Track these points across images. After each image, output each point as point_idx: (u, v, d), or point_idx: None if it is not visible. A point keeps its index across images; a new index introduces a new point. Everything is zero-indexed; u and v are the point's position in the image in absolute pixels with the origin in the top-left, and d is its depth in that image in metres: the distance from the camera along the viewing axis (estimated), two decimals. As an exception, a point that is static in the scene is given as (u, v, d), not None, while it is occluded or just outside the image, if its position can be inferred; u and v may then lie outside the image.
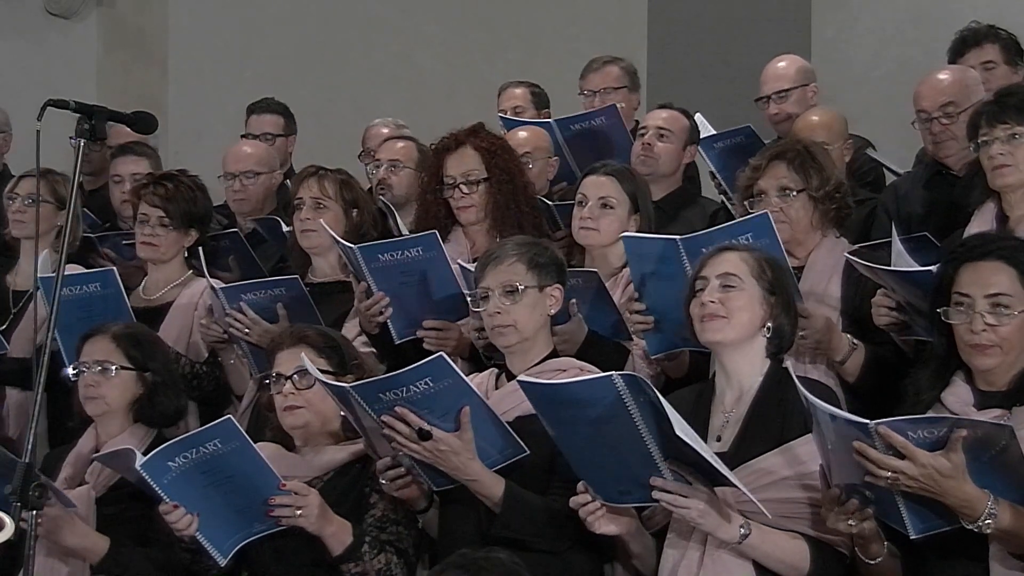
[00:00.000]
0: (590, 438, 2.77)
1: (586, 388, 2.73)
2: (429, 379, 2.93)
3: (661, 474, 2.75)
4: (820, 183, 3.58)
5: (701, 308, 2.98)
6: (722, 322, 2.95)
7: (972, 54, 4.44)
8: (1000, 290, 2.80)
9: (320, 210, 4.09)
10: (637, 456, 2.74)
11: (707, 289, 2.98)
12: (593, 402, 2.71)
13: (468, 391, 2.99)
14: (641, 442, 2.72)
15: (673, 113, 4.63)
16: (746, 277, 2.98)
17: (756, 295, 2.97)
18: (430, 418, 2.97)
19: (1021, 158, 3.40)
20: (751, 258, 3.01)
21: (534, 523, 3.04)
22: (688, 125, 4.60)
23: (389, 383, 2.97)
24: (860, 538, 2.73)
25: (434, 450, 2.97)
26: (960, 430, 2.56)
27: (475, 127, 4.08)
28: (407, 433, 2.97)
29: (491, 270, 3.26)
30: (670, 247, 3.42)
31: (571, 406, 2.75)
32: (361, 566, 3.14)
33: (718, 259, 3.02)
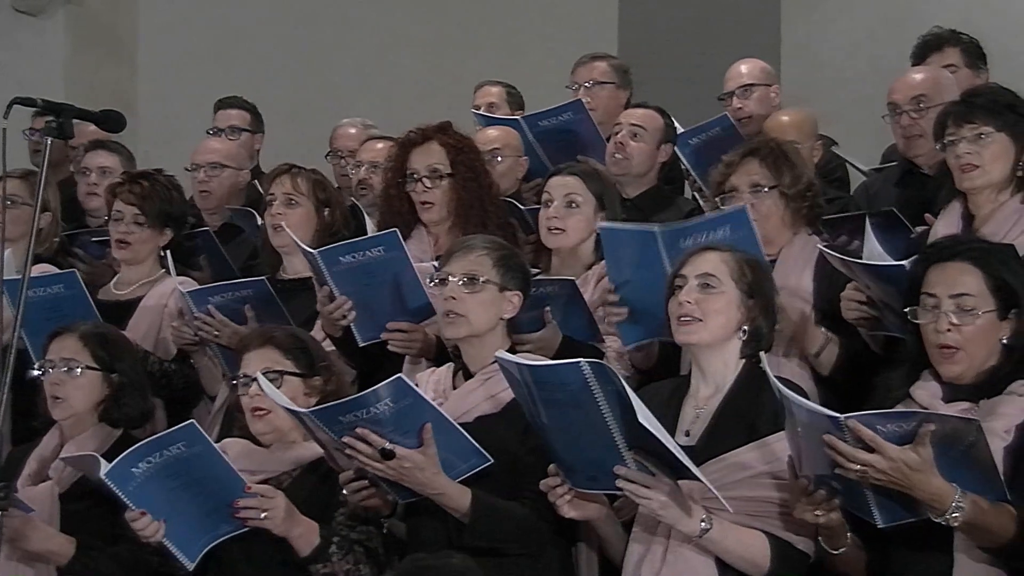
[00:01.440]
0: (560, 421, 2.79)
1: (554, 372, 2.75)
2: (389, 400, 2.92)
3: (625, 463, 2.76)
4: (792, 181, 3.59)
5: (678, 308, 2.99)
6: (698, 324, 2.96)
7: (934, 58, 4.47)
8: (965, 291, 2.82)
9: (292, 207, 4.07)
10: (602, 444, 2.75)
11: (685, 289, 2.99)
12: (561, 387, 2.73)
13: (429, 408, 2.98)
14: (606, 430, 2.73)
15: (648, 111, 4.62)
16: (725, 279, 2.99)
17: (734, 298, 2.98)
18: (392, 436, 2.95)
19: (988, 158, 3.41)
20: (732, 259, 3.01)
21: (504, 529, 3.04)
22: (663, 124, 4.59)
23: (348, 406, 2.95)
24: (826, 529, 2.74)
25: (398, 468, 2.96)
26: (928, 425, 2.59)
27: (443, 124, 4.07)
28: (370, 453, 2.95)
29: (457, 257, 3.26)
30: (648, 238, 3.41)
31: (543, 387, 2.77)
32: (329, 567, 3.12)
33: (699, 258, 3.03)
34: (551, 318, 3.57)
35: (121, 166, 4.84)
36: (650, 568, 2.89)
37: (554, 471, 2.88)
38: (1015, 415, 2.76)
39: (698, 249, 3.07)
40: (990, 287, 2.83)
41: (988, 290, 2.83)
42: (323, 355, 3.42)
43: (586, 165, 4.04)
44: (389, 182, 4.11)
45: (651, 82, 5.78)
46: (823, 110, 4.81)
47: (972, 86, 4.30)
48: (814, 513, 2.70)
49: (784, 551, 2.85)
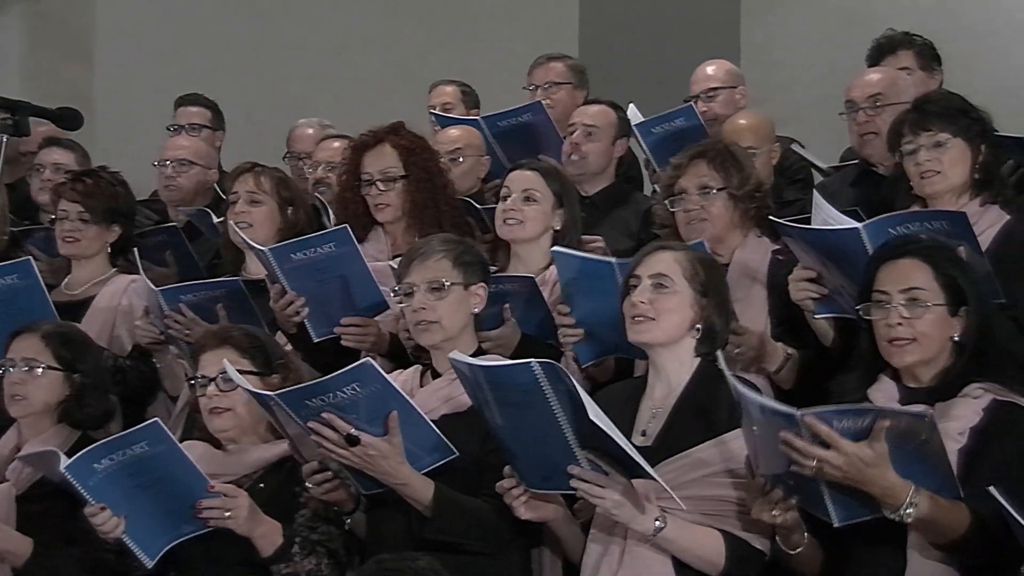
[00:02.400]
0: (514, 421, 2.80)
1: (506, 373, 2.77)
2: (356, 384, 2.91)
3: (578, 463, 2.78)
4: (740, 182, 3.61)
5: (632, 308, 3.00)
6: (650, 324, 2.98)
7: (888, 61, 4.51)
8: (915, 284, 2.85)
9: (255, 206, 4.06)
10: (555, 444, 2.76)
11: (639, 289, 3.01)
12: (513, 387, 2.74)
13: (396, 395, 2.98)
14: (559, 430, 2.74)
15: (601, 108, 4.62)
16: (678, 278, 3.01)
17: (687, 297, 3.00)
18: (358, 423, 2.95)
19: (947, 164, 3.45)
20: (684, 259, 3.03)
21: (465, 525, 3.04)
22: (616, 119, 4.59)
23: (315, 389, 2.95)
24: (783, 528, 2.76)
25: (363, 455, 2.95)
26: (883, 421, 2.62)
27: (395, 125, 4.07)
28: (335, 439, 2.94)
29: (416, 266, 3.26)
30: (604, 269, 3.43)
31: (495, 388, 2.78)
32: (292, 567, 3.11)
33: (652, 258, 3.05)
34: (510, 315, 3.58)
35: (76, 163, 4.81)
36: (608, 569, 2.90)
37: (509, 472, 2.89)
38: (969, 417, 2.79)
39: (652, 249, 3.10)
40: (940, 283, 2.86)
41: (938, 285, 2.86)
42: (280, 353, 3.41)
43: (547, 163, 4.05)
44: (344, 185, 4.11)
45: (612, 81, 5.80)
46: (781, 111, 4.84)
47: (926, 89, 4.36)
48: (771, 513, 2.72)
49: (740, 549, 2.87)
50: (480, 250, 3.42)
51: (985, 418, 2.79)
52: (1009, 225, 3.44)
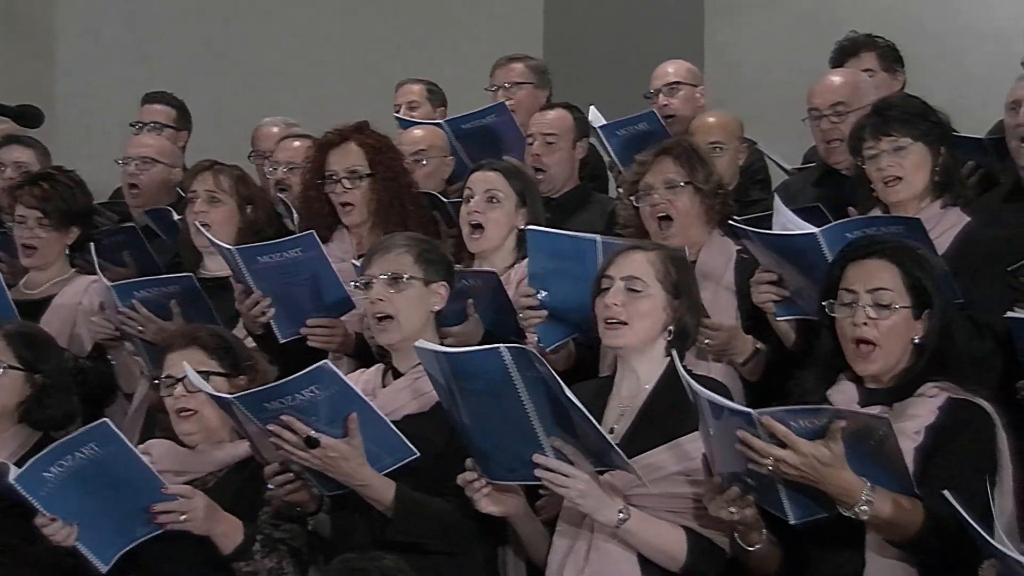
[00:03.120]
0: (479, 411, 2.80)
1: (475, 359, 2.76)
2: (315, 387, 2.91)
3: (544, 452, 2.79)
4: (705, 177, 3.64)
5: (605, 310, 3.01)
6: (624, 329, 3.00)
7: (851, 63, 4.54)
8: (882, 285, 2.87)
9: (214, 204, 4.04)
10: (521, 432, 2.77)
11: (612, 291, 3.02)
12: (481, 374, 2.75)
13: (355, 397, 2.97)
14: (525, 417, 2.75)
15: (557, 114, 4.60)
16: (651, 281, 3.02)
17: (660, 300, 3.02)
18: (317, 425, 2.94)
19: (909, 168, 3.48)
20: (657, 259, 3.05)
21: (427, 525, 3.04)
22: (573, 122, 4.58)
23: (274, 392, 2.94)
24: (741, 525, 2.78)
25: (323, 457, 2.95)
26: (839, 421, 2.63)
27: (360, 124, 4.06)
28: (294, 441, 2.94)
29: (378, 259, 3.25)
30: (586, 245, 3.43)
31: (461, 377, 2.78)
32: (253, 565, 3.11)
33: (625, 259, 3.06)
34: (474, 311, 3.58)
35: (37, 161, 4.78)
36: (574, 566, 2.91)
37: (471, 465, 2.90)
38: (925, 416, 2.82)
39: (624, 248, 3.10)
40: (906, 285, 2.88)
41: (904, 287, 2.88)
42: (248, 354, 3.40)
43: (508, 163, 4.05)
44: (308, 184, 4.09)
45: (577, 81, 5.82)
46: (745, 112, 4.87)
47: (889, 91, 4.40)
48: (728, 510, 2.73)
49: (702, 545, 2.88)
50: (445, 250, 3.41)
51: (941, 416, 2.81)
52: (969, 227, 3.48)
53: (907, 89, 4.57)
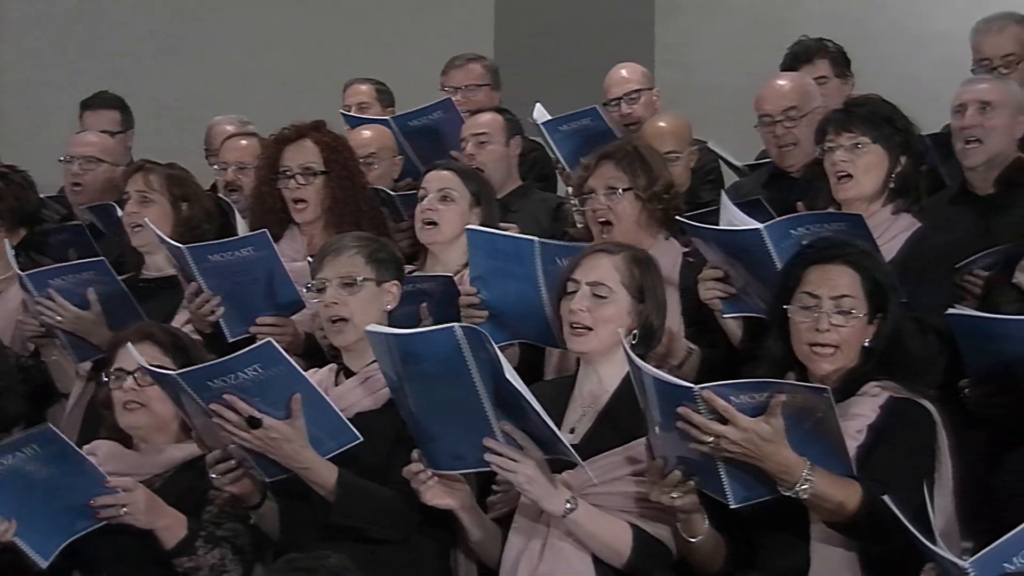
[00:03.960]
0: (429, 396, 2.80)
1: (427, 339, 2.77)
2: (258, 365, 2.90)
3: (495, 436, 2.79)
4: (648, 183, 3.64)
5: (570, 315, 3.02)
6: (589, 335, 3.01)
7: (804, 70, 4.55)
8: (846, 292, 2.90)
9: (146, 204, 4.02)
10: (472, 416, 2.78)
11: (578, 296, 3.03)
12: (433, 355, 2.75)
13: (299, 378, 2.97)
14: (477, 400, 2.76)
15: (487, 116, 4.59)
16: (616, 286, 3.03)
17: (625, 305, 3.03)
18: (260, 405, 2.93)
19: (861, 168, 3.51)
20: (622, 263, 3.06)
21: (369, 510, 3.03)
22: (504, 121, 4.57)
23: (217, 370, 2.93)
24: (683, 513, 2.79)
25: (264, 438, 2.94)
26: (780, 395, 2.66)
27: (317, 122, 4.05)
28: (236, 421, 2.93)
29: (330, 261, 3.25)
30: (524, 246, 3.44)
31: (413, 360, 2.78)
32: (195, 560, 3.09)
33: (591, 263, 3.07)
34: (427, 314, 3.58)
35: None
36: (528, 564, 2.92)
37: (416, 457, 2.90)
38: (867, 415, 2.85)
39: (590, 252, 3.11)
40: (865, 290, 2.91)
41: (864, 293, 2.91)
42: (202, 355, 3.38)
43: (466, 164, 4.05)
44: (261, 179, 4.08)
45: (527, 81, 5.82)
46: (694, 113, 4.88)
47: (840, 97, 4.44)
48: (670, 495, 2.75)
49: (647, 542, 2.89)
50: (395, 248, 3.41)
51: (882, 415, 2.85)
52: (920, 232, 3.51)
53: (853, 93, 4.63)
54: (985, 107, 3.94)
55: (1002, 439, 3.17)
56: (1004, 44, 4.48)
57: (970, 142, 3.93)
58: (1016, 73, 4.42)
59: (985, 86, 4.02)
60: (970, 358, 3.23)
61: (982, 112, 3.94)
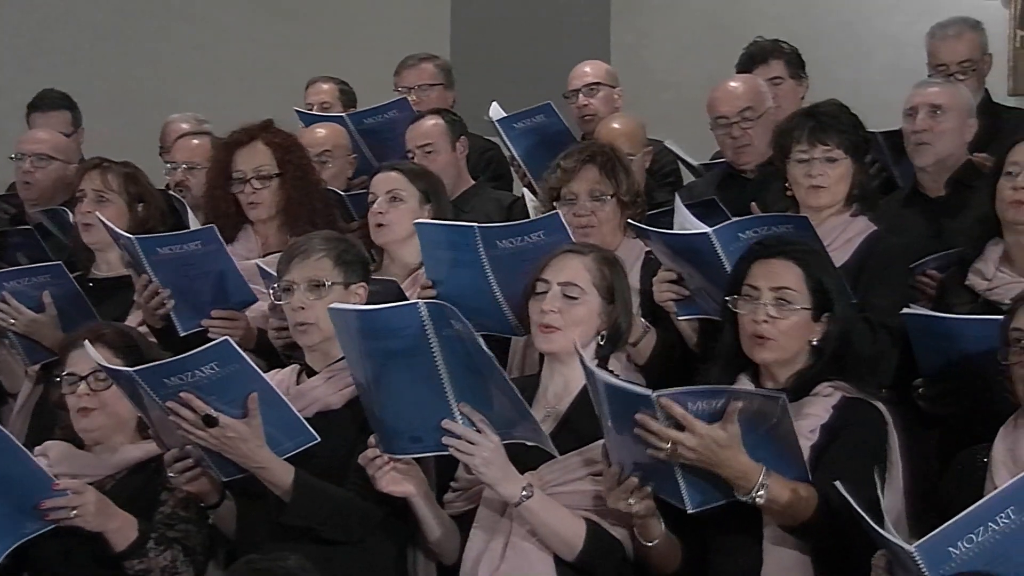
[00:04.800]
0: (389, 376, 2.80)
1: (393, 315, 2.76)
2: (215, 364, 2.89)
3: (454, 417, 2.80)
4: (628, 187, 3.69)
5: (540, 315, 3.02)
6: (558, 334, 3.01)
7: (760, 70, 4.59)
8: (786, 285, 2.92)
9: (102, 203, 3.99)
10: (432, 396, 2.78)
11: (549, 296, 3.03)
12: (397, 332, 2.75)
13: (256, 377, 2.96)
14: (438, 379, 2.76)
15: (429, 122, 4.57)
16: (587, 286, 3.03)
17: (595, 306, 3.04)
18: (217, 404, 2.92)
19: (835, 179, 3.55)
20: (593, 264, 3.06)
21: (325, 510, 3.01)
22: (446, 125, 4.56)
23: (174, 367, 2.91)
24: (638, 517, 2.80)
25: (220, 437, 2.93)
26: (736, 402, 2.68)
27: (266, 123, 4.03)
28: (192, 419, 2.91)
29: (297, 264, 3.23)
30: (466, 234, 3.45)
31: (376, 337, 2.78)
32: (146, 563, 3.07)
33: (561, 263, 3.07)
34: None
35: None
36: (489, 564, 2.92)
37: (373, 443, 2.89)
38: (820, 415, 2.87)
39: (560, 252, 3.11)
40: (809, 287, 2.93)
41: (807, 289, 2.93)
42: (155, 355, 3.35)
43: (412, 163, 4.04)
44: (214, 184, 4.05)
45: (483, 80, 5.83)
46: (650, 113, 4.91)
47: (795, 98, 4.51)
48: (627, 501, 2.76)
49: (600, 537, 2.89)
50: (362, 249, 3.40)
51: (835, 415, 2.87)
52: (875, 235, 3.56)
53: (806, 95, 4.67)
54: (936, 111, 4.00)
55: (953, 439, 3.21)
56: (961, 50, 4.54)
57: (921, 144, 3.99)
58: (971, 79, 4.48)
59: (936, 90, 4.07)
60: (924, 358, 3.26)
61: (933, 116, 3.99)
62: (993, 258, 3.39)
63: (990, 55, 4.65)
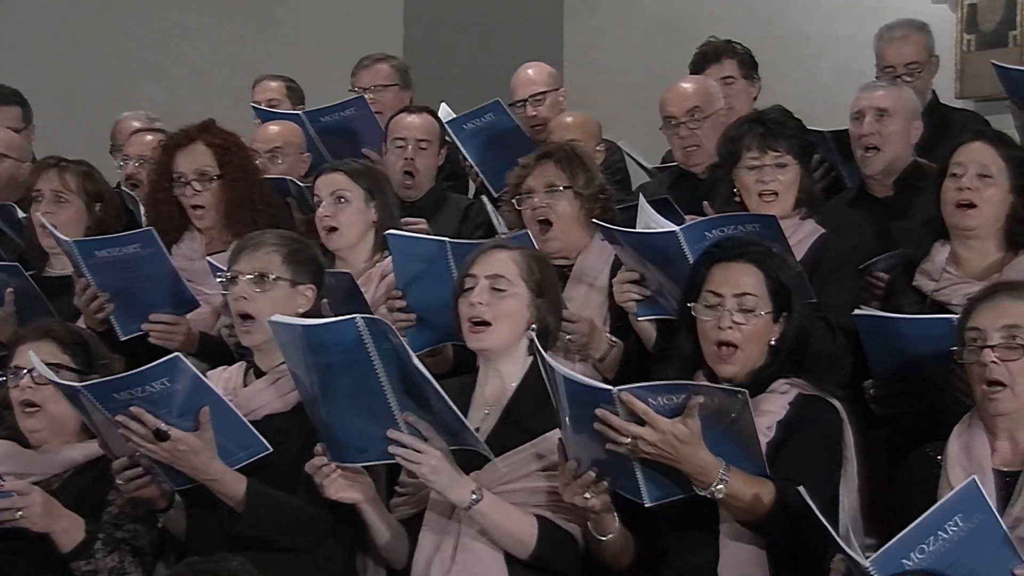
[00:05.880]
0: (333, 388, 2.79)
1: (330, 331, 2.76)
2: (166, 379, 2.87)
3: (399, 428, 2.80)
4: (586, 182, 3.70)
5: (469, 309, 3.02)
6: (488, 330, 3.01)
7: (712, 69, 4.62)
8: (748, 291, 2.93)
9: (61, 204, 3.96)
10: (375, 408, 2.78)
11: (476, 290, 3.02)
12: (335, 346, 2.74)
13: (207, 390, 2.94)
14: (380, 392, 2.76)
15: (427, 119, 4.54)
16: (515, 279, 3.03)
17: (524, 298, 3.03)
18: (168, 417, 2.90)
19: (785, 185, 3.61)
20: (520, 258, 3.06)
21: (279, 520, 3.00)
22: (439, 127, 4.56)
23: (124, 383, 2.89)
24: (593, 512, 2.80)
25: (172, 450, 2.91)
26: (697, 397, 2.68)
27: (207, 123, 4.01)
28: (143, 433, 2.89)
29: (246, 255, 3.21)
30: (437, 248, 3.46)
31: (316, 351, 2.77)
32: (93, 564, 3.05)
33: (489, 258, 3.07)
34: (328, 311, 3.56)
35: None
36: (440, 566, 2.92)
37: (320, 451, 2.89)
38: (776, 412, 2.89)
39: (488, 248, 3.12)
40: (769, 289, 2.95)
41: (767, 292, 2.94)
42: (103, 354, 3.33)
43: (353, 162, 4.01)
44: (155, 186, 4.03)
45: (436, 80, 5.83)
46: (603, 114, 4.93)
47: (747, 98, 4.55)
48: (583, 496, 2.76)
49: (553, 533, 2.89)
50: (316, 252, 3.38)
51: (791, 412, 2.89)
52: (823, 237, 3.62)
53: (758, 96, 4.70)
54: (882, 114, 4.05)
55: (902, 438, 3.24)
56: (908, 52, 4.59)
57: (869, 149, 4.04)
58: (918, 81, 4.54)
59: (881, 93, 4.12)
60: (874, 358, 3.30)
61: (879, 119, 4.04)
62: (940, 259, 3.42)
63: (936, 57, 4.70)
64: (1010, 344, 2.76)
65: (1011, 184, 3.38)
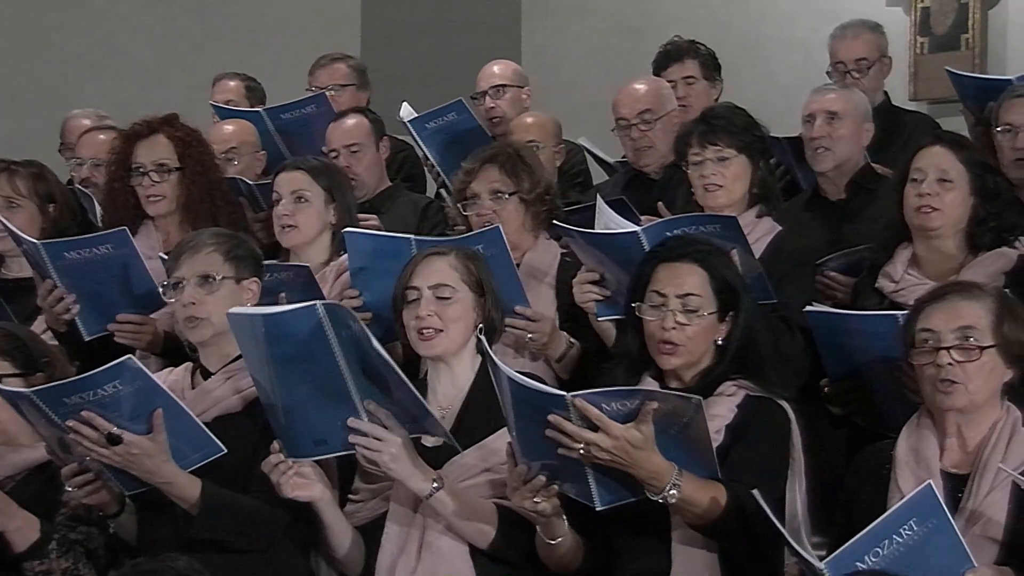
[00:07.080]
0: (292, 378, 2.78)
1: (290, 318, 2.75)
2: (118, 382, 2.84)
3: (359, 416, 2.79)
4: (531, 185, 3.69)
5: (418, 321, 3.01)
6: (439, 337, 3.01)
7: (674, 68, 4.65)
8: (691, 291, 2.94)
9: (13, 209, 3.92)
10: (335, 397, 2.77)
11: (423, 302, 3.02)
12: (295, 334, 2.73)
13: (160, 392, 2.91)
14: (340, 379, 2.75)
15: (354, 121, 4.53)
16: (458, 284, 3.03)
17: (468, 301, 3.04)
18: (120, 421, 2.87)
19: (730, 178, 3.62)
20: (458, 262, 3.07)
21: (233, 522, 2.98)
22: (369, 125, 4.53)
23: (75, 387, 2.86)
24: (543, 516, 2.80)
25: (124, 454, 2.88)
26: (651, 403, 2.68)
27: (169, 116, 3.98)
28: (95, 438, 2.86)
29: (187, 259, 3.19)
30: (402, 244, 3.45)
31: (276, 341, 2.76)
32: (47, 564, 3.02)
33: (427, 268, 3.06)
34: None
35: None
36: (405, 566, 2.91)
37: (276, 448, 2.87)
38: (724, 416, 2.90)
39: (422, 257, 3.11)
40: (713, 288, 2.95)
41: (712, 292, 2.95)
42: (44, 350, 3.29)
43: (315, 160, 4.00)
44: (113, 176, 3.99)
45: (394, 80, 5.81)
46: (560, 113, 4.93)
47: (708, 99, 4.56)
48: (532, 500, 2.75)
49: (511, 519, 2.88)
50: (253, 245, 3.37)
51: (738, 415, 2.90)
52: (780, 235, 3.63)
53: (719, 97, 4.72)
54: (833, 117, 4.08)
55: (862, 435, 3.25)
56: (858, 49, 4.64)
57: (819, 150, 4.06)
58: (867, 78, 4.58)
59: (832, 96, 4.15)
60: (828, 357, 3.31)
61: (830, 122, 4.07)
62: (902, 261, 3.45)
63: (889, 58, 4.75)
64: (964, 345, 2.78)
65: (971, 187, 3.40)
